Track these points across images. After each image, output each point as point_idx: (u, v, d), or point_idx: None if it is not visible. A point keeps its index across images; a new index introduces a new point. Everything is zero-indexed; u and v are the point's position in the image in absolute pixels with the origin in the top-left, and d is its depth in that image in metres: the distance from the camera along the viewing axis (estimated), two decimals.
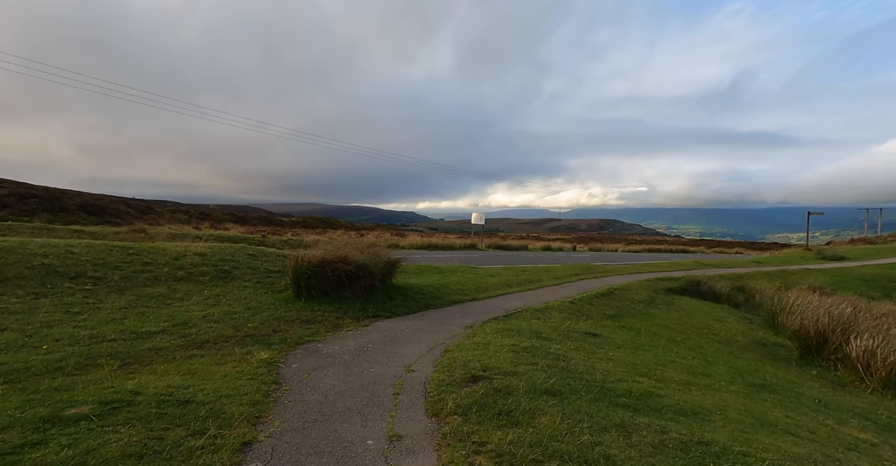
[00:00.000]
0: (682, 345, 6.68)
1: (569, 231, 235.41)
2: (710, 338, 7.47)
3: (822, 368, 6.28)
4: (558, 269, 14.50)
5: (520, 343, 4.88)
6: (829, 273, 17.50)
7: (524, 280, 11.70)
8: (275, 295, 7.07)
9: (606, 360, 4.73)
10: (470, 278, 10.99)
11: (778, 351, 7.12)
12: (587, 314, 8.02)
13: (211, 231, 19.24)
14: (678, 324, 8.20)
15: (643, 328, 7.47)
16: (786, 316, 8.09)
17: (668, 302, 10.56)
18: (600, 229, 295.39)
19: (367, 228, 75.33)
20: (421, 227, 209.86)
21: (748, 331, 8.20)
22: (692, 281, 11.78)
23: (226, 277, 7.58)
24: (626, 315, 8.56)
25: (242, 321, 5.72)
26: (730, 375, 4.98)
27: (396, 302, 7.55)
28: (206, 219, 36.02)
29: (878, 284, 15.99)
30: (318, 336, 5.48)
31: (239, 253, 8.94)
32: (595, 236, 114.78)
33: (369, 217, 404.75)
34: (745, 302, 11.38)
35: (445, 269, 12.07)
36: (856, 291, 15.03)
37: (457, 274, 11.55)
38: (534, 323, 6.35)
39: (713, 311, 10.03)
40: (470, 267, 13.09)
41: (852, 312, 7.10)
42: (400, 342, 5.32)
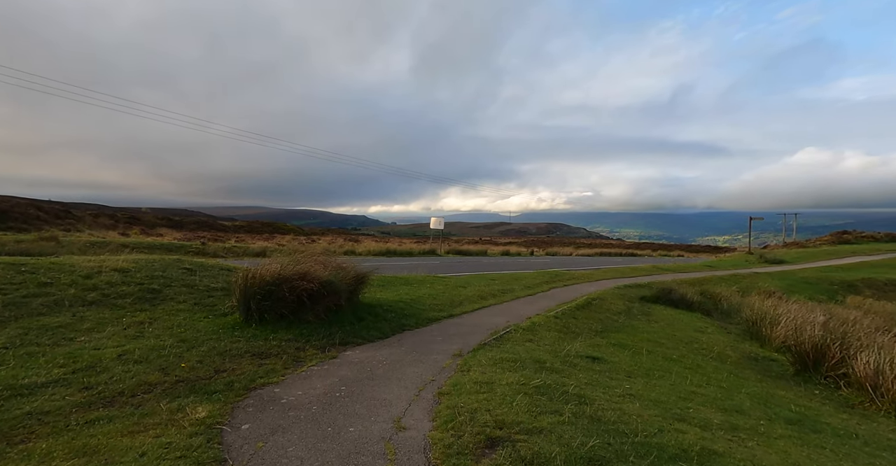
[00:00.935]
0: (681, 365, 6.16)
1: (519, 234, 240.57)
2: (703, 354, 7.04)
3: (822, 386, 5.98)
4: (527, 277, 13.94)
5: (528, 379, 4.05)
6: (776, 276, 18.24)
7: (497, 290, 10.97)
8: (218, 321, 5.82)
9: (629, 397, 4.01)
10: (441, 290, 10.10)
11: (771, 367, 6.82)
12: (575, 330, 7.36)
13: (141, 237, 17.07)
14: (666, 339, 7.74)
15: (636, 345, 6.92)
16: (769, 327, 7.88)
17: (646, 312, 10.21)
18: (548, 233, 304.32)
19: (317, 233, 72.46)
20: (373, 231, 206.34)
21: (733, 344, 7.92)
22: (664, 290, 11.58)
23: (154, 299, 6.21)
24: (612, 329, 8.01)
25: (174, 359, 4.49)
26: (758, 408, 4.43)
27: (367, 323, 6.51)
28: (136, 223, 32.67)
29: (822, 287, 16.80)
30: (274, 375, 4.37)
31: (172, 268, 7.52)
32: (545, 239, 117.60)
33: (318, 221, 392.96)
34: (714, 309, 11.31)
35: (413, 280, 11.10)
36: (804, 295, 15.62)
37: (426, 285, 10.62)
38: (529, 347, 5.57)
39: (690, 321, 9.77)
40: (438, 278, 12.19)
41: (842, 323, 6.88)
42: (379, 380, 4.33)
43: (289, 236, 43.15)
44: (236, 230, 46.99)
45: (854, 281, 17.15)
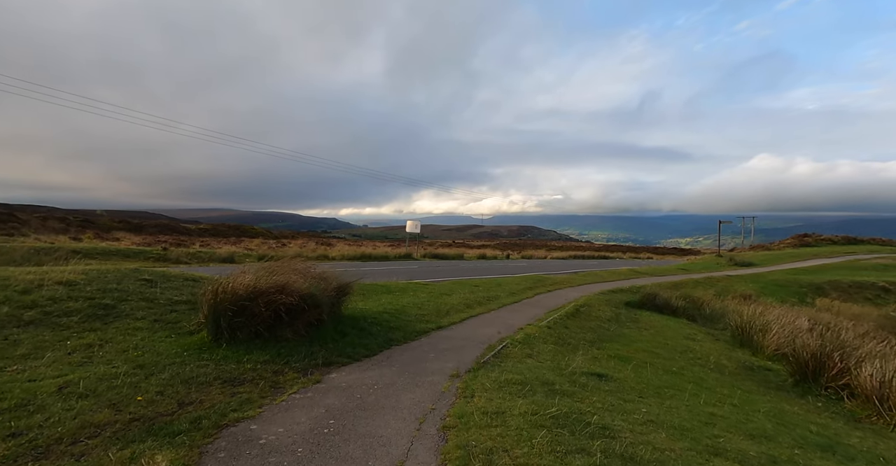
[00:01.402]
0: (684, 378, 5.90)
1: (491, 237, 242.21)
2: (700, 364, 6.83)
3: (823, 398, 5.83)
4: (510, 283, 13.61)
5: (542, 407, 3.63)
6: (748, 279, 18.64)
7: (482, 298, 10.56)
8: (182, 341, 5.15)
9: (651, 425, 3.65)
10: (425, 299, 9.60)
11: (768, 377, 6.68)
12: (570, 342, 7.02)
13: (95, 242, 15.79)
14: (660, 348, 7.51)
15: (634, 357, 6.63)
16: (760, 334, 7.77)
17: (634, 318, 10.02)
18: (520, 235, 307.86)
19: (287, 236, 70.43)
20: (344, 234, 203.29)
21: (726, 352, 7.79)
22: (648, 295, 11.47)
23: (106, 316, 5.46)
24: (606, 339, 7.73)
25: (128, 391, 3.84)
26: (783, 431, 4.17)
27: (351, 339, 5.95)
28: (90, 227, 30.61)
29: (792, 290, 17.25)
30: (250, 407, 3.78)
31: (128, 279, 6.73)
32: (517, 242, 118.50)
33: (287, 224, 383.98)
34: (698, 314, 11.28)
35: (395, 288, 10.55)
36: (776, 297, 15.95)
37: (409, 293, 10.09)
38: (530, 364, 5.15)
39: (678, 327, 9.64)
40: (420, 285, 11.68)
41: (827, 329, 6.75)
42: (372, 410, 3.81)
43: (257, 240, 41.61)
44: (201, 233, 44.93)
45: (821, 283, 17.71)
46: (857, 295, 17.15)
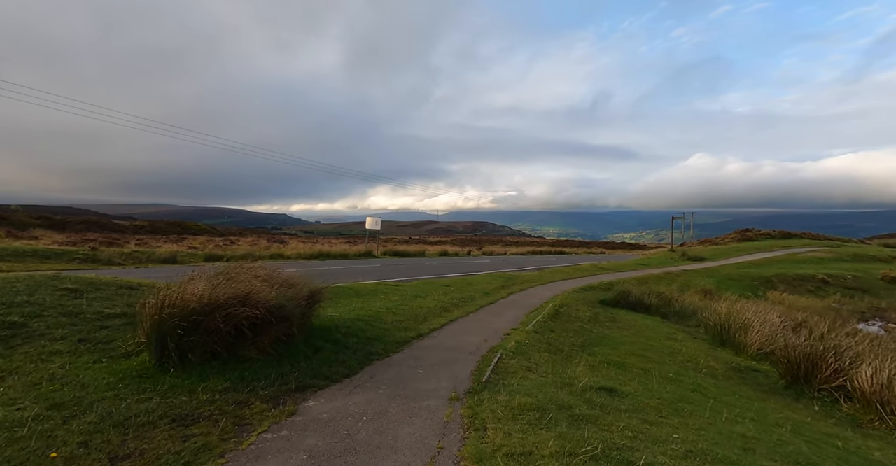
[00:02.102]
0: (683, 385, 5.60)
1: (447, 233, 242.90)
2: (692, 368, 6.60)
3: (818, 401, 5.70)
4: (480, 282, 13.13)
5: (575, 444, 3.07)
6: (703, 274, 19.28)
7: (458, 299, 9.97)
8: (116, 367, 4.17)
9: (695, 460, 3.19)
10: (398, 302, 8.88)
11: (758, 379, 6.55)
12: (562, 348, 6.58)
13: (6, 242, 13.74)
14: (647, 350, 7.25)
15: (626, 362, 6.29)
16: (742, 333, 7.70)
17: (612, 318, 9.81)
18: (475, 231, 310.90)
19: (233, 233, 66.77)
20: (296, 231, 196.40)
21: (710, 352, 7.66)
22: (622, 293, 11.35)
23: (12, 338, 4.36)
24: (593, 342, 7.36)
25: (38, 444, 2.90)
26: (816, 451, 3.86)
27: (326, 354, 5.15)
28: (1, 224, 27.16)
29: (744, 284, 18.01)
30: (207, 456, 2.97)
31: (44, 288, 5.54)
32: (472, 238, 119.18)
33: (233, 220, 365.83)
34: (669, 311, 11.29)
35: (364, 291, 9.73)
36: (732, 291, 16.53)
37: (379, 296, 9.32)
38: (536, 381, 4.61)
39: (656, 327, 9.53)
40: (389, 286, 10.92)
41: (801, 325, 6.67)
42: (366, 453, 3.10)
43: (202, 237, 38.81)
44: (137, 231, 41.32)
45: (769, 276, 18.64)
46: (801, 287, 18.17)
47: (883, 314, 16.20)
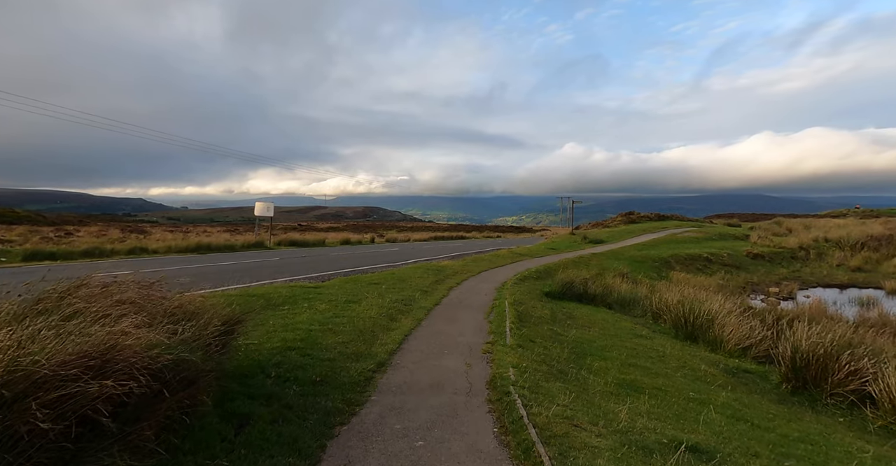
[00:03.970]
0: (727, 415, 4.73)
1: (336, 219, 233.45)
2: (693, 377, 5.86)
3: (835, 409, 5.20)
4: (409, 277, 11.47)
5: None
6: (611, 256, 20.07)
7: (397, 302, 8.22)
8: None
9: None
10: (328, 312, 6.85)
11: (756, 382, 6.06)
12: (560, 368, 5.33)
13: None
14: (635, 357, 6.40)
15: (642, 383, 5.30)
16: (720, 329, 7.29)
17: (568, 314, 8.96)
18: (365, 216, 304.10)
19: (70, 221, 54.81)
20: (156, 218, 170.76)
21: (690, 351, 7.12)
22: (565, 284, 10.66)
23: None
24: (579, 352, 6.27)
25: None
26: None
27: (258, 431, 3.12)
28: None
29: (648, 265, 19.09)
30: None
31: None
32: (365, 224, 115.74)
33: (72, 205, 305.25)
34: (614, 301, 10.91)
35: (277, 298, 7.45)
36: (641, 274, 17.28)
37: (301, 305, 7.17)
38: (597, 447, 3.21)
39: (615, 321, 8.92)
40: (308, 289, 8.70)
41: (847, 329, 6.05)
42: None
43: (22, 227, 30.49)
44: None
45: (666, 257, 20.09)
46: (692, 266, 19.91)
47: (756, 287, 18.42)
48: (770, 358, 6.81)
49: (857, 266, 22.34)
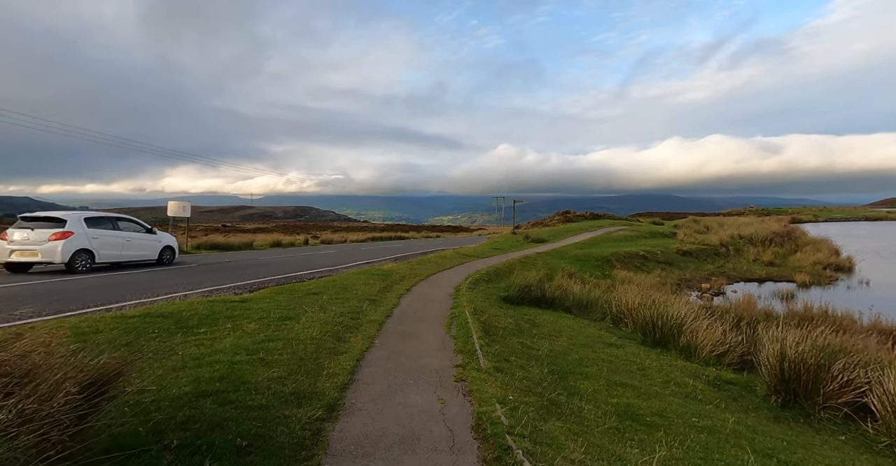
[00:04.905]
0: (740, 445, 4.17)
1: (264, 219, 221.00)
2: (682, 394, 5.34)
3: (830, 424, 4.85)
4: (354, 284, 10.25)
5: None
6: (555, 256, 20.02)
7: (342, 316, 7.04)
8: None
9: None
10: (258, 334, 5.54)
11: (742, 395, 5.64)
12: (553, 399, 4.53)
13: None
14: (617, 373, 5.79)
15: (639, 408, 4.64)
16: (692, 335, 6.93)
17: (531, 322, 8.29)
18: (296, 216, 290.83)
19: None
20: None
21: (668, 361, 6.66)
22: (523, 288, 10.02)
23: None
24: (557, 370, 5.53)
25: None
26: None
27: None
28: None
29: (592, 264, 19.23)
30: None
31: None
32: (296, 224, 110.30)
33: None
34: (572, 304, 10.46)
35: (190, 317, 5.98)
36: (587, 273, 17.30)
37: (223, 326, 5.77)
38: None
39: (580, 328, 8.36)
40: (233, 302, 7.23)
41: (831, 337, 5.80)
42: None
43: None
44: None
45: (607, 256, 20.41)
46: (631, 264, 20.40)
47: (689, 283, 19.23)
48: (745, 364, 6.58)
49: (769, 261, 24.31)
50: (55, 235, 11.39)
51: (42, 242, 11.30)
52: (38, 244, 11.29)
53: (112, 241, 12.69)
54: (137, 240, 13.54)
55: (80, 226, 11.88)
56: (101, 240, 12.32)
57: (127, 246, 13.15)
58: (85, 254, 11.85)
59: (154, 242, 14.12)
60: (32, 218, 11.93)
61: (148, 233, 13.98)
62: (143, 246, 13.75)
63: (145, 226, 14.10)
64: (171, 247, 14.71)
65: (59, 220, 11.69)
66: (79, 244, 11.68)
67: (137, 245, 13.52)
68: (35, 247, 11.26)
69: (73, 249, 11.50)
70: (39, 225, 11.60)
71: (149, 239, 13.97)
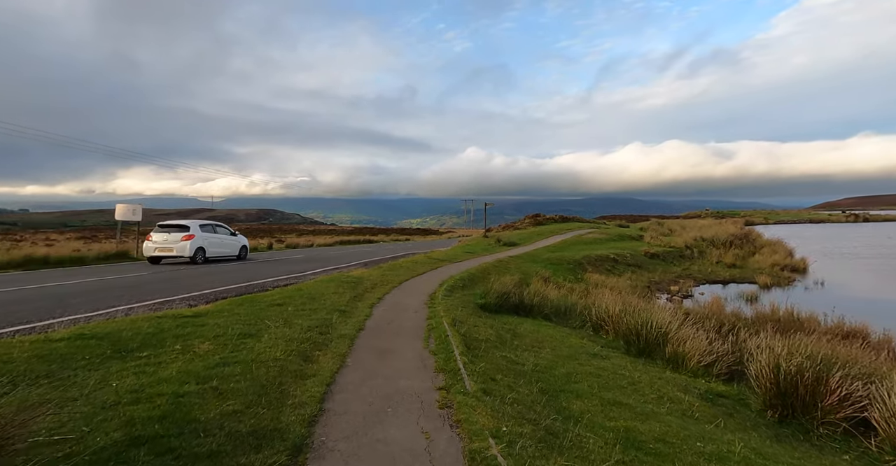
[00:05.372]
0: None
1: (226, 222, 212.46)
2: (679, 412, 5.03)
3: (836, 442, 4.50)
4: (322, 294, 9.57)
5: None
6: (528, 259, 19.83)
7: (312, 330, 6.41)
8: None
9: None
10: (215, 357, 4.85)
11: (737, 409, 5.35)
12: (537, 420, 4.11)
13: None
14: (607, 390, 5.42)
15: (632, 431, 4.29)
16: (679, 344, 6.68)
17: (512, 332, 7.88)
18: (260, 219, 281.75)
19: None
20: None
21: (651, 371, 6.39)
22: (501, 295, 9.61)
23: None
24: (550, 390, 5.14)
25: None
26: None
27: None
28: None
29: (565, 267, 19.14)
30: None
31: None
32: (260, 227, 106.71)
33: None
34: (549, 310, 10.15)
35: (135, 339, 5.20)
36: (560, 277, 17.18)
37: (169, 350, 5.04)
38: None
39: (562, 338, 8.02)
40: (183, 318, 6.45)
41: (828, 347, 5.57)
42: None
43: None
44: None
45: (579, 259, 20.39)
46: (602, 267, 20.48)
47: (658, 286, 19.47)
48: (734, 374, 6.40)
49: (731, 262, 25.09)
50: (185, 237, 15.78)
51: (176, 242, 15.68)
52: (174, 243, 15.68)
53: (214, 241, 17.15)
54: (227, 241, 18.08)
55: (198, 231, 16.24)
56: (209, 241, 16.73)
57: (222, 246, 17.63)
58: (201, 251, 16.29)
59: (236, 243, 18.58)
60: (167, 225, 16.11)
61: (232, 236, 18.47)
62: (231, 245, 18.24)
63: (231, 230, 18.59)
64: (245, 246, 19.19)
65: (185, 227, 16.00)
66: (198, 244, 16.11)
67: (227, 244, 18.05)
68: (171, 245, 15.71)
69: (195, 247, 15.96)
70: (172, 230, 15.91)
71: (233, 241, 18.44)
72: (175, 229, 16.00)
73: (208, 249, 16.65)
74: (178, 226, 16.04)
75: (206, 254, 16.49)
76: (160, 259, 16.26)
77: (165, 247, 15.77)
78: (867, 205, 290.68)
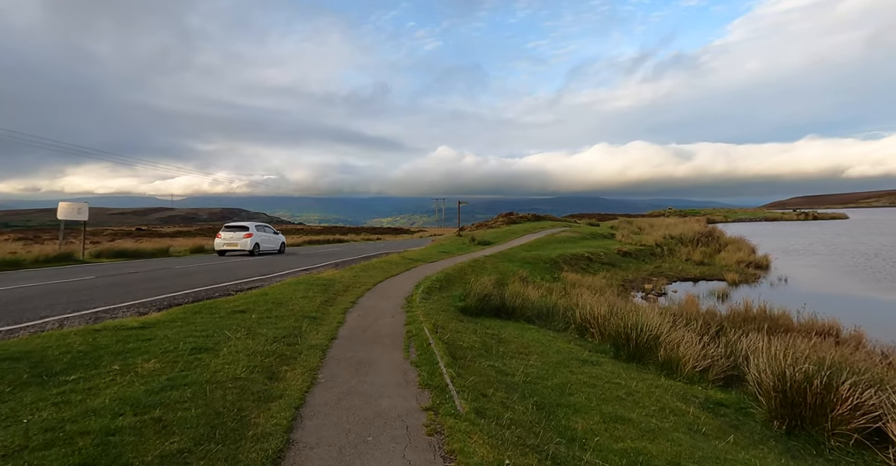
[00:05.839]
0: None
1: (187, 222, 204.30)
2: (685, 426, 4.66)
3: (850, 457, 4.22)
4: (290, 299, 8.83)
5: None
6: (503, 259, 19.49)
7: (278, 341, 5.72)
8: None
9: None
10: (161, 378, 4.12)
11: (740, 420, 5.02)
12: (541, 448, 3.62)
13: None
14: (606, 403, 5.00)
15: (639, 451, 3.87)
16: (675, 348, 6.35)
17: (496, 337, 7.40)
18: (224, 218, 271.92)
19: None
20: None
21: (647, 379, 6.03)
22: (482, 297, 9.15)
23: None
24: (545, 406, 4.68)
25: None
26: None
27: None
28: None
29: (541, 266, 18.90)
30: None
31: None
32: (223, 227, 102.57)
33: None
34: (531, 312, 9.74)
35: (63, 358, 4.38)
36: (538, 276, 16.91)
37: (108, 369, 4.26)
38: None
39: (549, 342, 7.59)
40: (126, 332, 5.62)
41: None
42: None
43: None
44: None
45: (554, 258, 20.22)
46: (577, 265, 20.39)
47: (633, 284, 19.53)
48: (729, 379, 6.14)
49: (700, 260, 25.61)
50: (246, 235, 19.93)
51: (239, 239, 19.86)
52: (238, 240, 19.86)
53: (265, 238, 21.13)
54: (273, 238, 22.04)
55: (255, 230, 20.28)
56: (261, 238, 20.71)
57: (269, 241, 21.49)
58: (257, 246, 20.22)
59: (278, 239, 22.57)
60: (232, 226, 20.52)
61: (275, 234, 22.35)
62: (274, 242, 22.08)
63: (273, 229, 22.51)
64: (283, 243, 23.11)
65: (246, 227, 20.20)
66: (255, 240, 20.11)
67: (272, 241, 21.90)
68: (236, 241, 19.85)
69: (254, 243, 19.99)
70: (236, 229, 20.24)
71: (276, 238, 22.44)
72: (238, 229, 20.17)
73: (262, 245, 20.54)
74: (240, 227, 20.28)
75: (260, 249, 20.36)
76: (226, 252, 20.12)
77: (231, 243, 19.79)
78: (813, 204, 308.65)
